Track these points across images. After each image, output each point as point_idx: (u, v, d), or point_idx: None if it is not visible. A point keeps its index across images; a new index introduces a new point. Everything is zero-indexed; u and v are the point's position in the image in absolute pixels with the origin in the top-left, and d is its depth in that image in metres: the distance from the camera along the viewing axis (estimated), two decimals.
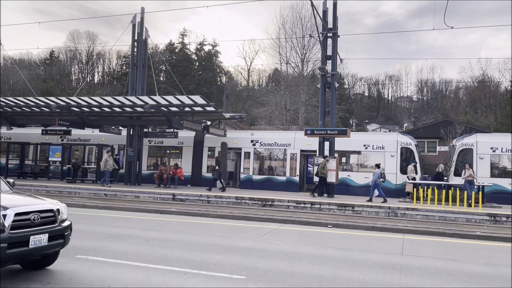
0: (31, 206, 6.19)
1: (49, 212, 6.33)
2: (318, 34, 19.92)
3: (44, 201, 6.62)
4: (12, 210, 5.82)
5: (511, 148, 20.25)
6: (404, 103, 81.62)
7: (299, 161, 22.89)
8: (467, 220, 14.76)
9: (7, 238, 5.63)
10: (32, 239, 5.92)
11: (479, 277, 7.18)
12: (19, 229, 5.79)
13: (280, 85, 39.29)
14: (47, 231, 6.16)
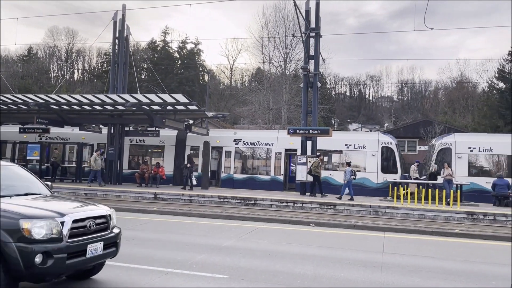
0: (85, 212, 5.73)
1: (102, 218, 5.89)
2: (300, 34, 20.01)
3: (97, 206, 6.16)
4: (69, 217, 5.33)
5: (488, 148, 20.75)
6: (385, 103, 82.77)
7: (283, 160, 23.00)
8: (446, 218, 15.06)
9: (66, 247, 5.15)
10: (89, 248, 5.47)
11: (457, 274, 7.32)
12: (75, 237, 5.33)
13: (263, 84, 39.37)
14: (102, 239, 5.73)
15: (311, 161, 19.35)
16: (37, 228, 5.01)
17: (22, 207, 5.37)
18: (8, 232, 4.91)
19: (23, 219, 5.00)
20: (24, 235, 4.92)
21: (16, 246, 4.86)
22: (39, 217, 5.13)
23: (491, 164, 21.12)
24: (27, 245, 4.90)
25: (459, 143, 21.09)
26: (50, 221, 5.13)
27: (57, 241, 5.10)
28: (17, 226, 4.95)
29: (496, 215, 14.82)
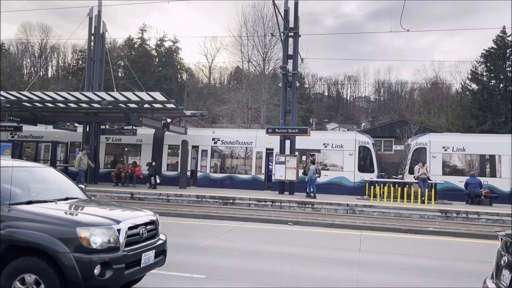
0: (137, 218, 5.35)
1: (152, 224, 5.55)
2: (279, 33, 20.05)
3: (144, 212, 5.80)
4: (125, 224, 4.98)
5: (461, 147, 21.29)
6: (362, 103, 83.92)
7: (264, 159, 23.05)
8: (421, 216, 15.35)
9: (124, 257, 4.80)
10: (143, 257, 5.13)
11: (431, 271, 7.47)
12: (130, 245, 4.99)
13: (241, 83, 39.32)
14: (153, 246, 5.40)
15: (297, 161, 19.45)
16: (95, 237, 4.63)
17: (74, 213, 5.06)
18: (64, 241, 4.51)
19: (79, 227, 4.61)
20: (82, 244, 4.54)
21: (73, 256, 4.46)
22: (95, 224, 4.75)
23: (464, 164, 21.68)
24: (85, 255, 4.51)
25: (434, 142, 21.56)
26: (107, 228, 4.76)
27: (114, 250, 4.74)
28: (74, 234, 4.55)
29: (468, 213, 15.20)
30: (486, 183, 19.66)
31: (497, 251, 4.38)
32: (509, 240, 4.05)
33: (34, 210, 4.91)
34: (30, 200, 5.19)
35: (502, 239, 4.31)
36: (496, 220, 14.75)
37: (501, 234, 4.34)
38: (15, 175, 5.44)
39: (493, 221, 14.74)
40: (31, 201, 5.17)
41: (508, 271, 3.88)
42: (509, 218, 14.76)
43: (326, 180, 21.62)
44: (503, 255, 4.09)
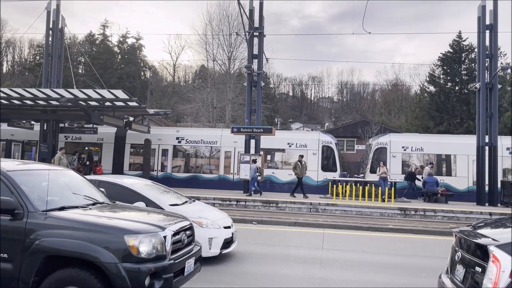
0: (177, 224, 5.04)
1: (189, 230, 5.30)
2: (244, 33, 20.09)
3: (179, 217, 5.49)
4: (169, 230, 4.69)
5: (419, 147, 22.08)
6: (326, 104, 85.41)
7: (233, 159, 23.00)
8: (381, 214, 15.79)
9: (171, 265, 4.50)
10: (186, 265, 4.84)
11: (391, 267, 7.69)
12: (174, 253, 4.72)
13: (206, 82, 39.01)
14: (193, 253, 5.15)
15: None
16: (144, 245, 4.31)
17: (117, 220, 4.71)
18: (112, 250, 4.18)
19: (128, 234, 4.28)
20: (132, 253, 4.22)
21: (123, 266, 4.14)
22: (143, 232, 4.42)
23: (422, 163, 22.49)
24: (135, 265, 4.19)
25: (394, 142, 22.24)
26: (155, 236, 4.46)
27: (162, 259, 4.45)
28: (122, 243, 4.22)
29: (426, 210, 15.78)
30: (442, 182, 20.48)
31: (452, 247, 4.54)
32: (462, 237, 4.20)
33: (73, 217, 4.54)
34: (63, 206, 4.78)
35: (456, 235, 4.47)
36: (451, 217, 15.40)
37: (455, 231, 4.50)
38: (39, 179, 5.04)
39: (448, 218, 15.39)
40: (64, 207, 4.77)
41: (461, 266, 4.03)
42: (463, 215, 15.44)
43: (290, 179, 21.83)
44: (457, 250, 4.25)
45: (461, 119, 38.06)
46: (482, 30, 18.90)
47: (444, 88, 40.52)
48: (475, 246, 3.87)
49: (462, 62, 40.39)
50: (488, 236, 4.01)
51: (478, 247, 3.82)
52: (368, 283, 6.64)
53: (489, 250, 3.51)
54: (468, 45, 39.65)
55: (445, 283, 4.30)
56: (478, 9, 19.03)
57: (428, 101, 41.51)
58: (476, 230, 4.39)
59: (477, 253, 3.77)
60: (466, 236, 4.17)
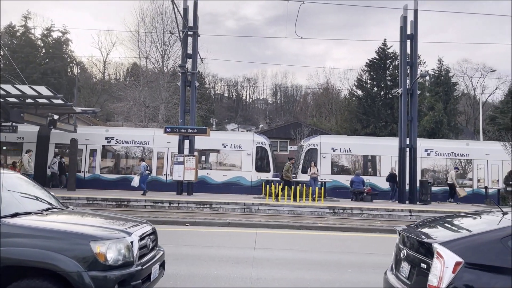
0: (142, 229, 4.80)
1: (154, 235, 5.12)
2: (178, 32, 19.74)
3: (142, 221, 5.25)
4: (136, 235, 4.46)
5: (347, 149, 23.16)
6: (261, 105, 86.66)
7: (166, 159, 22.47)
8: (312, 213, 16.32)
9: (139, 272, 4.27)
10: (153, 271, 4.62)
11: (320, 264, 7.96)
12: (140, 259, 4.49)
13: (139, 80, 37.78)
14: (158, 258, 4.93)
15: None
16: (112, 251, 4.07)
17: (80, 226, 4.39)
18: (77, 258, 3.89)
19: (94, 241, 4.02)
20: (98, 260, 3.97)
21: (89, 275, 3.87)
22: (109, 238, 4.18)
23: (350, 163, 23.62)
24: (102, 273, 3.94)
25: (324, 144, 23.11)
26: (122, 242, 4.22)
27: (129, 265, 4.23)
28: (88, 250, 3.96)
29: (353, 209, 16.57)
30: (368, 181, 21.64)
31: (396, 245, 4.73)
32: (407, 235, 4.41)
33: (30, 224, 4.17)
34: (16, 213, 4.38)
35: (400, 233, 4.67)
36: (376, 215, 16.30)
37: (399, 229, 4.70)
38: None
39: (373, 215, 16.28)
40: (17, 213, 4.37)
41: (406, 263, 4.23)
42: (386, 213, 16.42)
43: (225, 180, 21.87)
44: (402, 248, 4.43)
45: (385, 122, 40.48)
46: (404, 39, 20.24)
47: (371, 93, 42.88)
48: (420, 244, 4.05)
49: (387, 68, 43.01)
50: (431, 234, 4.25)
51: (422, 245, 4.00)
52: (297, 280, 6.81)
53: (433, 248, 3.70)
54: (392, 53, 42.31)
55: (390, 279, 4.45)
56: (400, 20, 20.36)
57: (356, 104, 43.66)
58: (419, 228, 4.60)
59: (421, 251, 3.96)
60: (411, 234, 4.34)
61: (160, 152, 22.66)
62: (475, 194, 22.61)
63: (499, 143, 22.50)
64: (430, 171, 23.32)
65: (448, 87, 42.40)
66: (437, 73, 43.30)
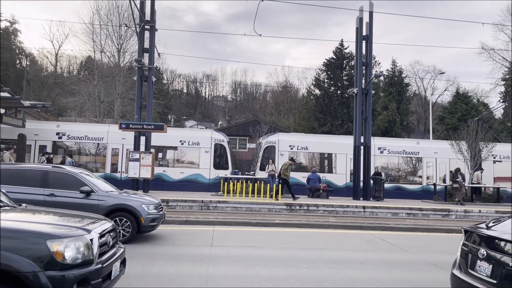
0: (102, 226, 4.68)
1: (113, 231, 4.99)
2: (135, 25, 19.23)
3: (100, 218, 5.17)
4: (95, 233, 4.35)
5: (304, 146, 23.55)
6: (220, 102, 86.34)
7: (121, 156, 21.86)
8: (269, 210, 16.44)
9: (99, 270, 4.16)
10: (113, 269, 4.50)
11: (276, 260, 8.04)
12: (100, 256, 4.38)
13: (93, 74, 36.52)
14: (119, 255, 4.81)
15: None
16: (70, 250, 3.93)
17: (34, 223, 4.21)
18: (32, 257, 3.71)
19: (51, 239, 3.86)
20: (56, 259, 3.81)
21: (46, 275, 3.70)
22: (67, 236, 4.02)
23: (307, 161, 24.02)
24: (60, 272, 3.80)
25: (282, 141, 23.37)
26: (80, 239, 4.09)
27: (89, 263, 4.11)
28: (44, 249, 3.79)
29: (309, 205, 16.85)
30: (324, 179, 22.09)
31: (463, 244, 4.94)
32: (487, 235, 4.60)
33: None
34: None
35: (470, 232, 4.88)
36: (331, 211, 16.67)
37: (469, 229, 4.91)
38: None
39: (328, 212, 16.64)
40: None
41: (486, 262, 4.42)
42: (341, 209, 16.82)
43: (182, 178, 21.60)
44: (476, 248, 4.61)
45: (342, 121, 41.51)
46: (360, 40, 20.80)
47: (328, 92, 43.80)
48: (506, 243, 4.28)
49: (343, 68, 44.08)
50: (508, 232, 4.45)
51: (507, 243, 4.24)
52: (253, 277, 6.83)
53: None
54: (349, 53, 43.41)
55: (466, 279, 4.64)
56: (356, 21, 20.90)
57: (314, 103, 44.47)
58: (493, 228, 4.82)
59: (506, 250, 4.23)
60: (491, 234, 4.56)
61: (115, 149, 22.05)
62: (424, 191, 23.67)
63: (447, 142, 23.67)
64: (383, 168, 24.15)
65: (401, 87, 44.08)
66: (391, 74, 44.87)
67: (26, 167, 9.86)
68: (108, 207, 9.06)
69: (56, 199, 8.84)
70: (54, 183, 9.08)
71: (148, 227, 9.46)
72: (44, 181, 9.06)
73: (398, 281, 6.97)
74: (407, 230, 13.09)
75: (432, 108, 41.69)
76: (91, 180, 9.45)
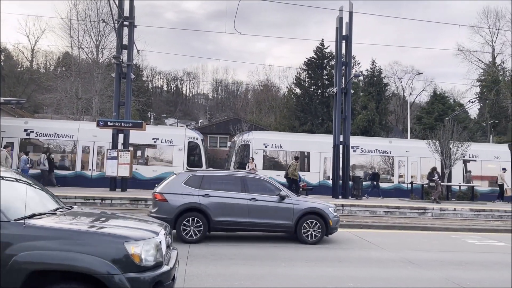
0: (162, 228, 4.67)
1: (170, 234, 5.12)
2: (113, 21, 18.91)
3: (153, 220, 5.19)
4: (162, 235, 4.40)
5: (279, 145, 23.66)
6: (201, 100, 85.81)
7: (92, 154, 21.47)
8: None
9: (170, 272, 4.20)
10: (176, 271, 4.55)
11: (256, 259, 8.03)
12: None
13: (71, 70, 35.75)
14: (176, 257, 4.78)
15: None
16: (146, 252, 3.95)
17: (109, 227, 4.21)
18: (112, 260, 3.72)
19: (128, 242, 3.87)
20: (134, 262, 3.82)
21: (126, 277, 3.71)
22: (142, 238, 4.04)
23: (281, 159, 24.15)
24: (138, 274, 3.81)
25: (256, 140, 23.37)
26: (152, 241, 4.10)
27: (160, 266, 4.10)
28: (123, 251, 3.79)
29: None
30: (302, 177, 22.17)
31: None
32: None
33: (56, 226, 3.97)
34: (33, 214, 4.06)
35: None
36: None
37: None
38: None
39: None
40: (34, 215, 4.06)
41: None
42: None
43: (155, 176, 21.33)
44: None
45: (322, 120, 41.80)
46: (339, 40, 20.96)
47: (309, 91, 44.03)
48: None
49: (324, 67, 44.37)
50: None
51: None
52: (232, 276, 6.80)
53: None
54: (329, 53, 43.69)
55: None
56: (336, 21, 21.04)
57: (295, 102, 44.63)
58: None
59: None
60: None
61: (86, 146, 21.64)
62: (396, 189, 24.09)
63: (418, 141, 24.10)
64: (356, 167, 24.39)
65: (380, 87, 44.67)
66: (370, 74, 45.42)
67: (226, 173, 11.22)
68: (301, 210, 9.79)
69: (257, 203, 9.66)
70: (253, 188, 9.86)
71: (333, 229, 10.09)
72: (243, 186, 9.82)
73: (375, 278, 7.05)
74: (384, 228, 13.27)
75: (410, 108, 42.45)
76: (279, 185, 10.33)
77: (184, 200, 9.43)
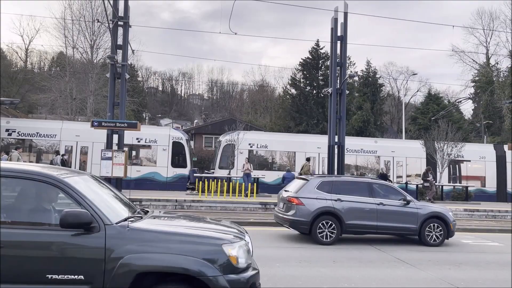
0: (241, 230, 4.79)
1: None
2: (107, 21, 18.82)
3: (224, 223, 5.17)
4: (247, 237, 4.49)
5: (264, 144, 23.67)
6: (196, 100, 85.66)
7: (75, 154, 21.37)
8: (244, 208, 16.40)
9: (258, 274, 4.21)
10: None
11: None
12: None
13: (65, 70, 35.58)
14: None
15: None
16: (242, 254, 4.02)
17: (204, 230, 4.35)
18: (213, 262, 3.82)
19: (225, 244, 3.97)
20: (232, 264, 3.90)
21: (226, 279, 3.79)
22: (235, 240, 4.14)
23: (266, 159, 24.19)
24: (236, 276, 3.88)
25: (241, 139, 23.36)
26: (244, 243, 4.18)
27: (250, 267, 4.13)
28: (222, 253, 3.88)
29: None
30: None
31: None
32: None
33: (158, 228, 4.10)
34: (128, 217, 4.16)
35: None
36: None
37: None
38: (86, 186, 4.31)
39: None
40: (128, 218, 4.14)
41: None
42: None
43: (139, 176, 21.26)
44: None
45: (317, 120, 41.86)
46: (334, 41, 20.96)
47: (304, 91, 44.08)
48: None
49: (319, 68, 44.43)
50: None
51: None
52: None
53: None
54: (324, 53, 43.76)
55: None
56: (331, 21, 21.04)
57: (290, 102, 44.66)
58: None
59: None
60: None
61: (68, 146, 21.53)
62: None
63: (405, 141, 24.12)
64: None
65: (375, 88, 44.80)
66: (365, 75, 45.54)
67: (355, 179, 11.65)
68: (425, 214, 10.23)
69: (385, 207, 10.11)
70: (379, 193, 10.36)
71: (453, 233, 10.46)
72: (371, 191, 10.29)
73: (368, 278, 7.06)
74: None
75: (405, 109, 42.57)
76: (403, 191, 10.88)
77: (319, 204, 9.96)
